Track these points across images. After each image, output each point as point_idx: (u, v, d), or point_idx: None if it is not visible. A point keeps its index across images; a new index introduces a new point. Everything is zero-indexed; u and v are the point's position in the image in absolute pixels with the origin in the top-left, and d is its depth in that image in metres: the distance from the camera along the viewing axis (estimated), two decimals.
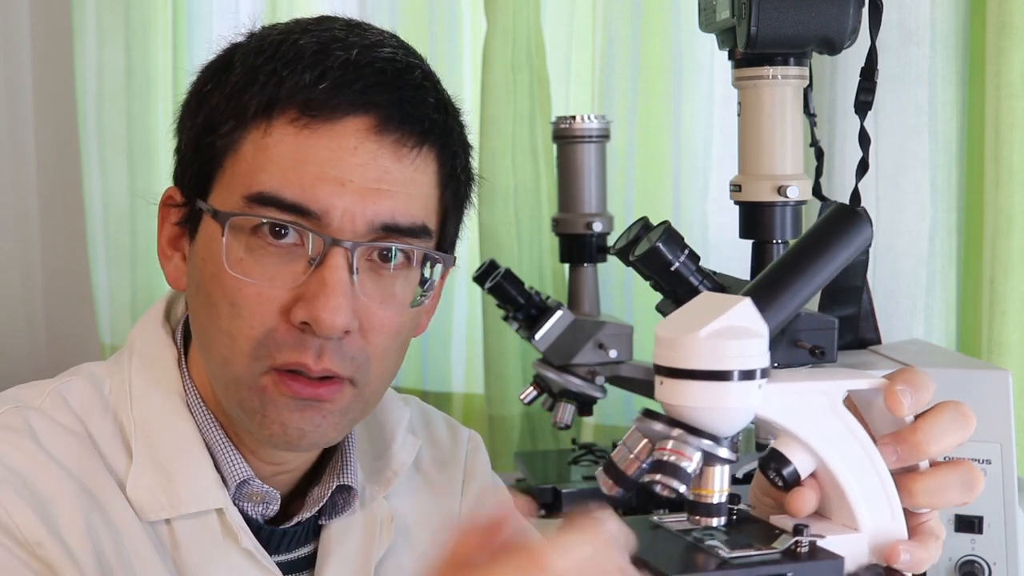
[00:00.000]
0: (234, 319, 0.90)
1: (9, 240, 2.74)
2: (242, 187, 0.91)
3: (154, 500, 0.94)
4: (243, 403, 0.93)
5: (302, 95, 0.89)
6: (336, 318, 0.88)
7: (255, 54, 0.92)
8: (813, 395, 0.75)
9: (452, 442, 1.17)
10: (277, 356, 0.90)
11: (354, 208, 0.89)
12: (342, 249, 0.89)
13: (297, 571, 1.02)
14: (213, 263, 0.92)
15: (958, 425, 0.77)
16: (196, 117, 0.95)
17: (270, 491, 0.99)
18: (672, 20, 1.90)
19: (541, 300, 1.60)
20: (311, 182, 0.89)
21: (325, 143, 0.89)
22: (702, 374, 0.70)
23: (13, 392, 0.99)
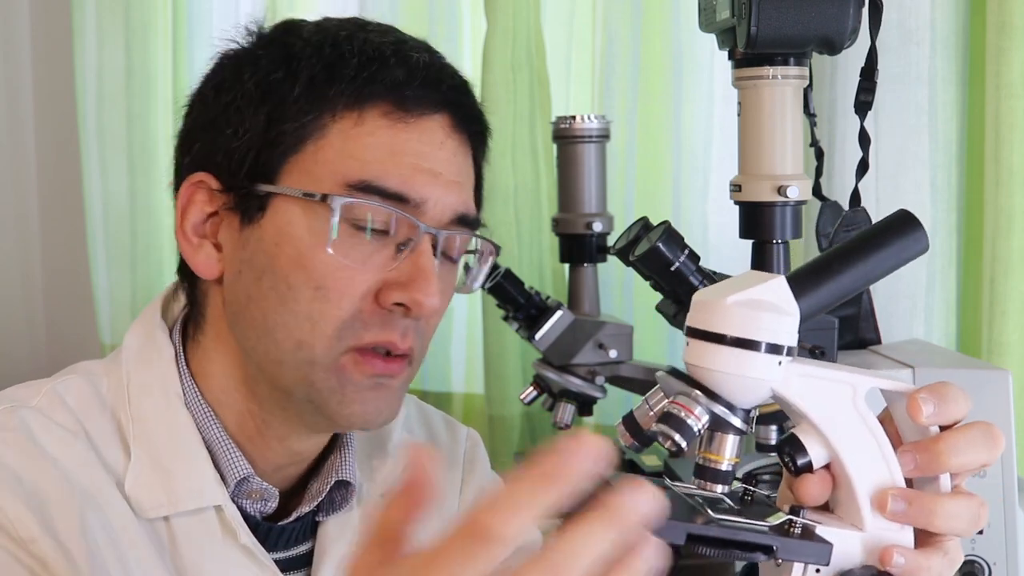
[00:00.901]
0: (318, 301, 0.93)
1: (9, 240, 2.74)
2: (336, 174, 0.93)
3: (152, 497, 0.94)
4: (318, 384, 0.94)
5: (395, 91, 0.95)
6: (434, 300, 0.93)
7: (329, 48, 0.96)
8: (835, 384, 0.74)
9: (451, 440, 1.17)
10: (364, 336, 0.93)
11: (443, 199, 0.96)
12: (431, 236, 0.95)
13: (295, 568, 1.02)
14: (293, 246, 0.93)
15: (985, 445, 0.74)
16: (262, 106, 0.95)
17: (269, 488, 0.99)
18: (672, 20, 1.90)
19: (541, 300, 1.60)
20: (410, 173, 0.94)
21: (417, 137, 0.95)
22: (728, 339, 0.72)
23: (9, 392, 0.99)
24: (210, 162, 0.97)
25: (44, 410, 0.95)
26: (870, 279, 0.76)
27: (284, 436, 0.99)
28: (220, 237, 0.98)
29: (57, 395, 0.97)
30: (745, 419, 0.74)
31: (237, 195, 0.96)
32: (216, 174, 0.97)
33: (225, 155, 0.96)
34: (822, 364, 0.75)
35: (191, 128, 1.00)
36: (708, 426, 0.74)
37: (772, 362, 0.72)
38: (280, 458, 1.00)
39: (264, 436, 0.99)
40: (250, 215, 0.95)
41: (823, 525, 0.74)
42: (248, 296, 0.96)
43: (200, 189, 0.97)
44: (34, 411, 0.95)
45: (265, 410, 0.98)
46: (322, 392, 0.94)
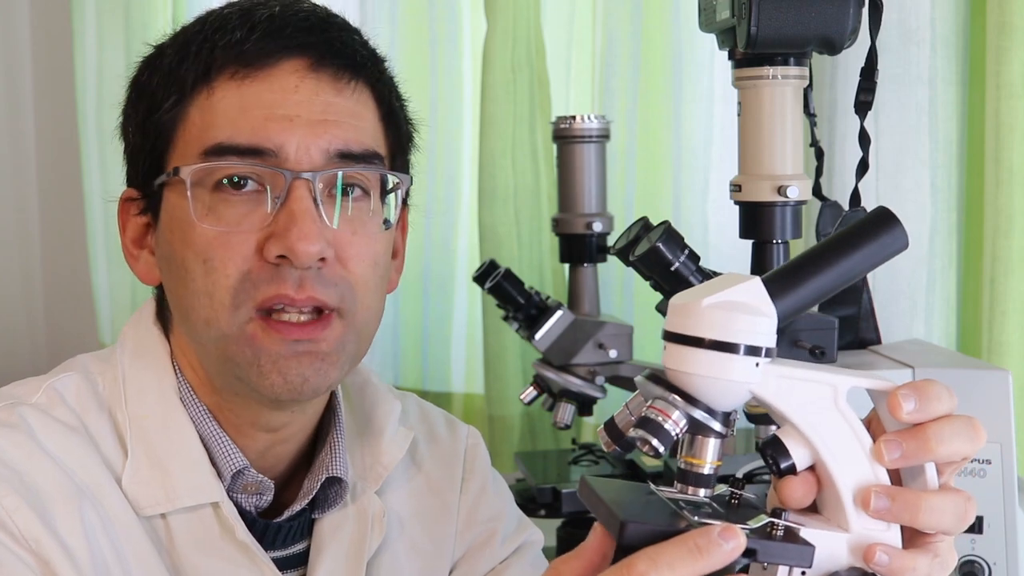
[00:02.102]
0: (208, 274, 0.92)
1: (9, 240, 2.74)
2: (196, 146, 0.94)
3: (150, 494, 0.95)
4: (235, 358, 0.93)
5: (235, 50, 0.94)
6: (310, 246, 0.91)
7: (183, 33, 0.99)
8: (816, 385, 0.74)
9: (451, 437, 1.17)
10: (256, 295, 0.92)
11: (307, 141, 0.93)
12: (303, 180, 0.92)
13: (291, 567, 1.02)
14: (180, 228, 0.94)
15: (968, 435, 0.74)
16: (138, 106, 0.99)
17: (265, 480, 0.99)
18: (672, 20, 1.90)
19: (541, 300, 1.60)
20: (261, 124, 0.93)
21: (267, 87, 0.94)
22: (705, 342, 0.71)
23: (8, 389, 0.99)
24: (130, 176, 1.02)
25: (44, 407, 0.96)
26: (849, 278, 0.76)
27: (253, 419, 0.99)
28: (153, 244, 1.00)
29: (56, 392, 0.97)
30: (725, 422, 0.74)
31: (147, 199, 0.99)
32: (135, 186, 1.01)
33: (131, 166, 1.01)
34: (802, 365, 0.74)
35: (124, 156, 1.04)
36: (688, 430, 0.73)
37: (750, 364, 0.71)
38: (260, 442, 1.00)
39: (237, 424, 0.99)
40: (155, 213, 0.98)
41: (808, 527, 0.73)
42: (169, 290, 0.98)
43: (130, 204, 1.01)
44: (34, 408, 0.95)
45: (225, 399, 0.99)
46: (241, 365, 0.94)
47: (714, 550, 0.67)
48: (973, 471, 1.26)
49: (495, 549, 1.14)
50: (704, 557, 0.67)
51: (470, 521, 1.14)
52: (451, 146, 2.12)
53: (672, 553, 0.67)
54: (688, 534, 0.68)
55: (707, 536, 0.67)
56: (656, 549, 0.67)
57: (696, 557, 0.67)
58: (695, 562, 0.66)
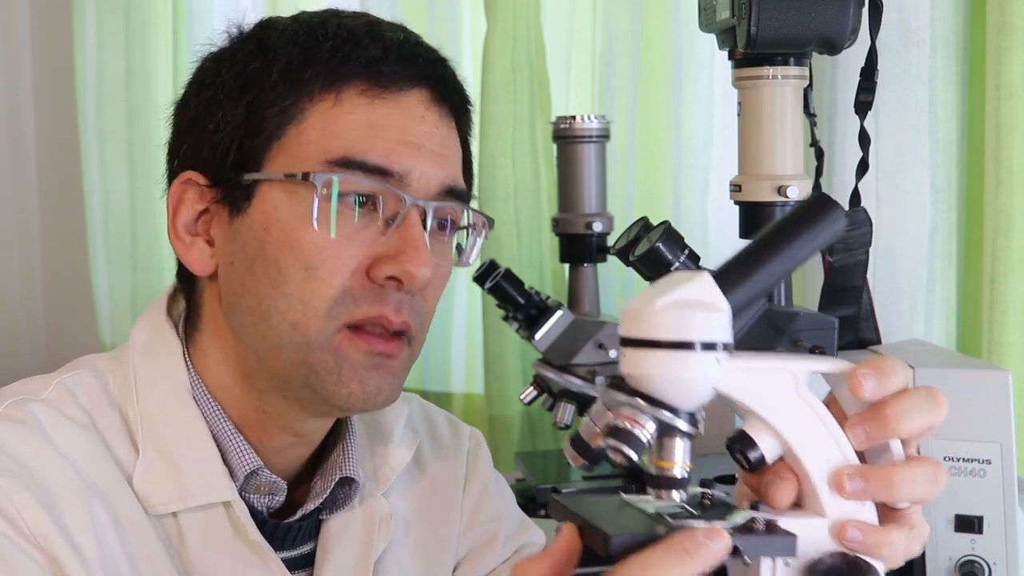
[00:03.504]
0: (309, 281, 0.93)
1: (9, 240, 2.74)
2: (318, 153, 0.94)
3: (161, 493, 0.94)
4: (315, 366, 0.94)
5: (371, 69, 0.96)
6: (426, 271, 0.93)
7: (303, 35, 0.97)
8: (776, 374, 0.74)
9: (454, 439, 1.17)
10: (356, 312, 0.93)
11: (428, 171, 0.96)
12: (419, 208, 0.94)
13: (299, 568, 1.02)
14: (281, 229, 0.94)
15: (928, 406, 0.74)
16: (242, 97, 0.96)
17: (278, 481, 0.99)
18: (672, 20, 1.90)
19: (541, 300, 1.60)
20: (392, 147, 0.94)
21: (397, 112, 0.96)
22: (661, 343, 0.71)
23: (16, 386, 0.99)
24: (197, 160, 0.98)
25: (54, 404, 0.95)
26: (794, 265, 0.76)
27: (286, 424, 0.99)
28: (212, 232, 0.99)
29: (67, 389, 0.97)
30: (691, 421, 0.73)
31: (225, 188, 0.97)
32: (203, 171, 0.98)
33: (210, 150, 0.97)
34: (759, 355, 0.74)
35: (177, 132, 1.02)
36: (656, 434, 0.73)
37: (709, 360, 0.71)
38: (282, 442, 1.01)
39: (265, 426, 0.99)
40: (238, 205, 0.96)
41: (784, 517, 0.73)
42: (242, 285, 0.96)
43: (189, 187, 0.99)
44: (44, 404, 0.95)
45: (265, 401, 0.98)
46: (319, 373, 0.94)
47: (702, 552, 0.67)
48: (973, 471, 1.26)
49: (497, 549, 1.14)
50: (693, 560, 0.67)
51: (473, 522, 1.14)
52: None
53: (662, 558, 0.67)
54: (675, 538, 0.68)
55: (693, 539, 0.67)
56: (646, 555, 0.67)
57: (685, 560, 0.67)
58: (684, 565, 0.67)
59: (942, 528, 1.27)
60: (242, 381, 0.99)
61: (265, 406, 0.99)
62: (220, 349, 0.99)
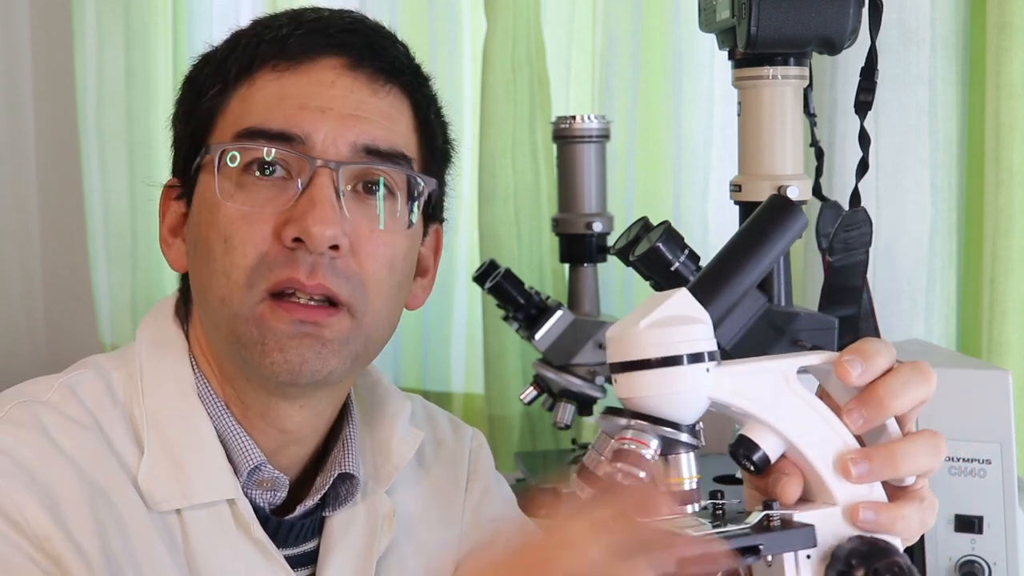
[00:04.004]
0: (228, 253, 0.94)
1: (9, 240, 2.74)
2: (230, 131, 0.97)
3: (166, 490, 0.95)
4: (242, 337, 0.94)
5: (280, 44, 0.97)
6: (325, 229, 0.92)
7: (237, 32, 1.02)
8: (765, 374, 0.75)
9: (455, 439, 1.17)
10: (270, 276, 0.93)
11: (335, 132, 0.95)
12: (327, 169, 0.94)
13: (302, 565, 1.02)
14: (207, 208, 0.96)
15: (918, 380, 0.76)
16: (187, 97, 1.02)
17: (280, 477, 1.00)
18: (672, 20, 1.90)
19: (541, 300, 1.60)
20: (293, 112, 0.95)
21: (305, 80, 0.97)
22: (650, 363, 0.73)
23: (19, 388, 0.99)
24: (175, 167, 1.03)
25: (57, 405, 0.96)
26: (765, 269, 0.78)
27: (263, 412, 0.99)
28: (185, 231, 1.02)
29: (69, 389, 0.97)
30: (692, 433, 0.75)
31: (186, 186, 1.01)
32: (177, 175, 1.03)
33: (176, 154, 1.03)
34: (746, 360, 0.76)
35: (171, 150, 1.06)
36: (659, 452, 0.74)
37: (699, 371, 0.73)
38: (272, 439, 1.00)
39: (249, 417, 1.00)
40: (189, 199, 1.00)
41: (798, 513, 0.75)
42: (193, 272, 0.99)
43: (171, 193, 1.03)
44: (47, 406, 0.95)
45: (238, 388, 0.99)
46: (247, 345, 0.94)
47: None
48: (973, 471, 1.26)
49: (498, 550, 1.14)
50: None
51: (474, 522, 1.14)
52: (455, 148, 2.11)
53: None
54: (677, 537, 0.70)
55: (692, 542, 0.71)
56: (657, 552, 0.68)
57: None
58: None
59: (942, 528, 1.27)
60: (219, 371, 1.00)
61: (240, 394, 0.99)
62: (201, 345, 1.01)
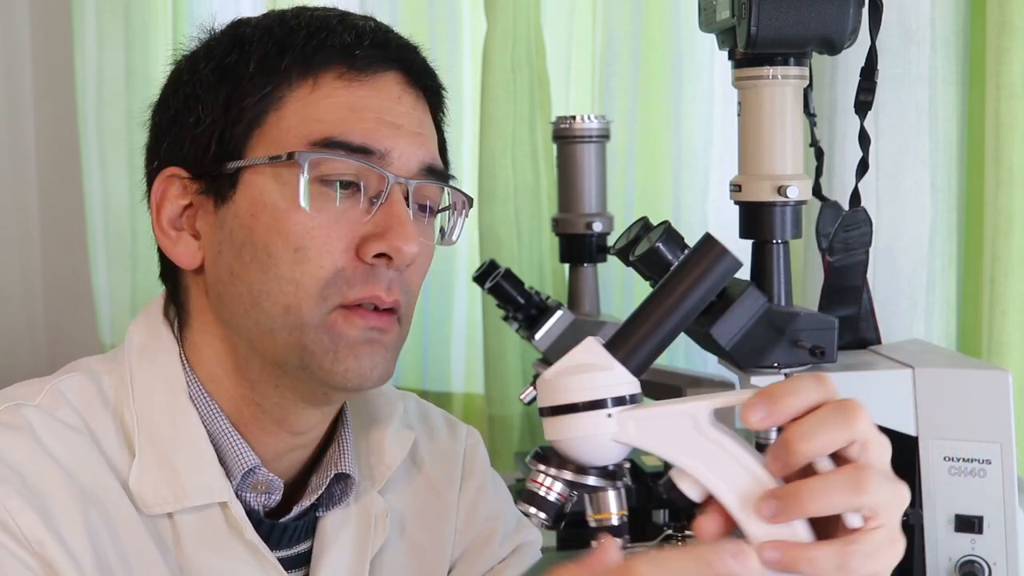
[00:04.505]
0: (299, 263, 0.94)
1: (9, 240, 2.74)
2: (300, 137, 0.95)
3: (157, 493, 0.94)
4: (310, 346, 0.94)
5: (346, 53, 0.97)
6: (413, 246, 0.94)
7: (277, 27, 0.99)
8: (674, 418, 0.76)
9: (451, 437, 1.17)
10: (348, 293, 0.94)
11: (409, 150, 0.97)
12: (402, 186, 0.96)
13: (296, 567, 1.02)
14: (268, 213, 0.95)
15: (835, 423, 0.72)
16: (219, 88, 0.98)
17: (274, 479, 0.99)
18: (672, 20, 1.90)
19: (541, 300, 1.60)
20: (372, 126, 0.96)
21: (375, 94, 0.97)
22: (552, 409, 0.77)
23: (10, 390, 0.99)
24: (178, 155, 0.99)
25: (47, 408, 0.95)
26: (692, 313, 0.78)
27: (281, 417, 0.99)
28: (197, 226, 0.99)
29: (60, 393, 0.97)
30: (606, 475, 0.77)
31: (208, 179, 0.98)
32: (185, 165, 0.99)
33: (191, 144, 0.98)
34: (658, 403, 0.76)
35: (156, 133, 1.03)
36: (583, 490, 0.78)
37: (600, 417, 0.75)
38: (281, 443, 1.00)
39: (260, 421, 0.99)
40: (223, 194, 0.97)
41: None
42: (231, 273, 0.97)
43: (172, 182, 1.00)
44: (37, 409, 0.95)
45: (258, 393, 0.98)
46: (315, 353, 0.94)
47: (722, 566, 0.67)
48: (973, 471, 1.26)
49: (494, 549, 1.14)
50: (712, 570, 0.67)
51: (469, 520, 1.14)
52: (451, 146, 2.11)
53: (680, 563, 0.67)
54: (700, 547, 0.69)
55: (718, 552, 0.68)
56: (663, 555, 0.68)
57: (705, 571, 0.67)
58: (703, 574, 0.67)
59: (942, 528, 1.27)
60: (235, 374, 0.99)
61: (258, 398, 0.99)
62: (210, 344, 1.00)
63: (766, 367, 1.21)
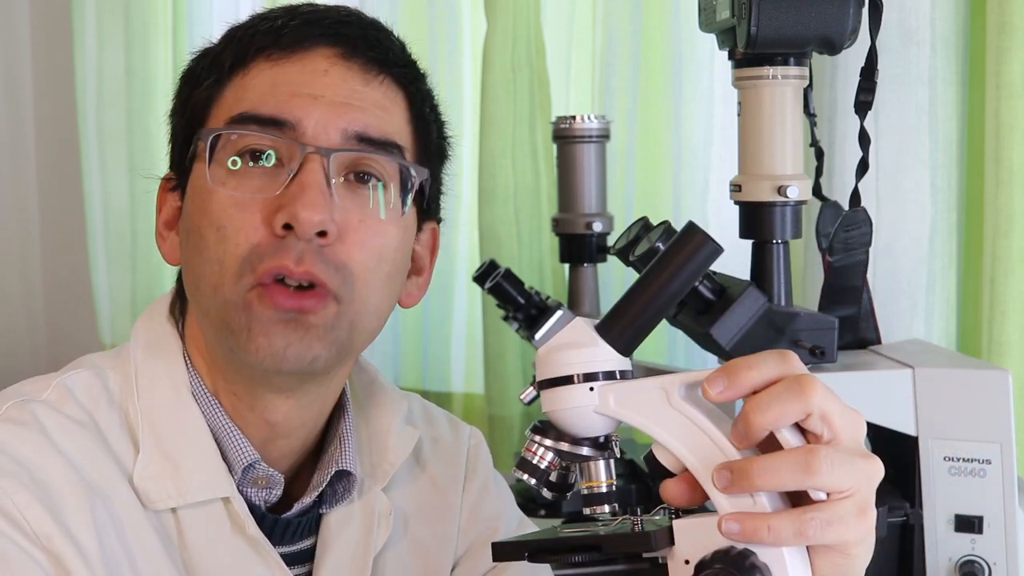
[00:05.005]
0: (221, 242, 0.94)
1: (9, 240, 2.74)
2: (223, 118, 0.97)
3: (161, 489, 0.95)
4: (231, 324, 0.94)
5: (274, 35, 0.98)
6: (313, 215, 0.91)
7: (233, 26, 1.03)
8: (646, 391, 0.80)
9: (454, 437, 1.17)
10: (259, 266, 0.93)
11: (326, 119, 0.95)
12: (318, 156, 0.94)
13: (299, 563, 1.03)
14: (200, 197, 0.96)
15: (789, 396, 0.75)
16: (183, 90, 1.03)
17: (275, 474, 1.00)
18: (672, 20, 1.90)
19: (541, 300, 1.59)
20: (286, 99, 0.95)
21: (298, 69, 0.97)
22: (546, 382, 0.83)
23: (17, 387, 0.99)
24: (172, 162, 1.04)
25: (54, 404, 0.96)
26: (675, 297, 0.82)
27: (253, 404, 0.99)
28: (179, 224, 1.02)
29: (67, 389, 0.98)
30: (597, 446, 0.82)
31: (180, 179, 1.01)
32: (174, 170, 1.03)
33: (173, 148, 1.03)
34: (635, 379, 0.81)
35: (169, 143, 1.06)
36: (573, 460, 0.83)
37: (583, 390, 0.81)
38: (260, 431, 1.00)
39: (239, 410, 1.00)
40: (183, 188, 1.00)
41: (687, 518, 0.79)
42: (185, 260, 0.99)
43: (168, 187, 1.03)
44: (44, 405, 0.96)
45: (228, 379, 0.99)
46: (234, 332, 0.94)
47: None
48: (973, 471, 1.26)
49: None
50: None
51: (472, 520, 1.14)
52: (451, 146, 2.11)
53: None
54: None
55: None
56: None
57: None
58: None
59: (942, 528, 1.27)
60: (210, 363, 1.00)
61: (231, 386, 0.99)
62: (196, 337, 1.01)
63: None
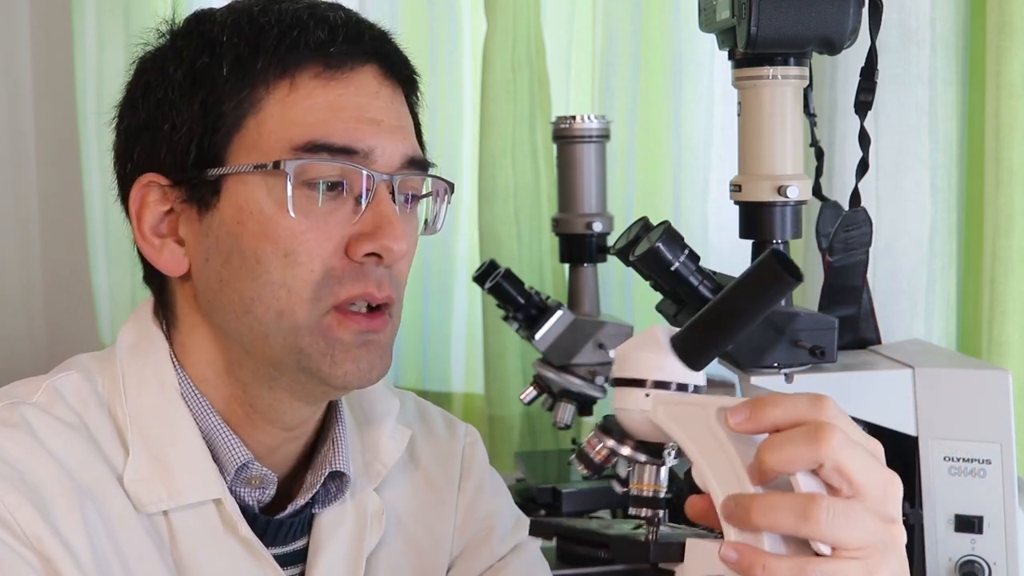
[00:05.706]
0: (289, 267, 0.94)
1: (9, 240, 2.74)
2: (282, 141, 0.95)
3: (152, 492, 0.95)
4: (306, 349, 0.95)
5: (321, 51, 0.97)
6: (402, 244, 0.95)
7: (247, 24, 0.97)
8: (690, 408, 0.80)
9: (449, 435, 1.17)
10: (340, 292, 0.94)
11: (391, 145, 0.97)
12: (387, 183, 0.96)
13: (292, 563, 1.03)
14: (255, 220, 0.95)
15: (801, 442, 0.73)
16: (195, 95, 0.97)
17: (268, 474, 1.00)
18: (672, 20, 1.90)
19: (541, 300, 1.60)
20: (353, 125, 0.96)
21: (353, 91, 0.97)
22: (614, 381, 0.84)
23: (8, 388, 0.99)
24: (154, 162, 0.99)
25: (44, 406, 0.96)
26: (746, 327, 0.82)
27: (275, 418, 1.00)
28: (181, 232, 0.99)
29: (56, 391, 0.97)
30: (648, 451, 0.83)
31: (189, 186, 0.97)
32: (163, 172, 0.98)
33: (168, 150, 0.98)
34: (687, 395, 0.82)
35: (126, 136, 1.02)
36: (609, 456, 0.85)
37: (640, 395, 0.82)
38: (273, 439, 1.01)
39: (252, 420, 1.00)
40: (206, 202, 0.97)
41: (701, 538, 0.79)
42: (220, 280, 0.97)
43: (151, 189, 0.99)
44: (35, 407, 0.96)
45: (250, 394, 0.99)
46: (312, 356, 0.95)
47: None
48: (973, 471, 1.26)
49: (493, 547, 1.14)
50: None
51: (467, 518, 1.14)
52: (451, 146, 2.12)
53: None
54: None
55: None
56: None
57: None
58: None
59: (942, 528, 1.27)
60: (227, 376, 0.99)
61: (251, 399, 0.99)
62: (199, 345, 1.00)
63: (766, 367, 1.21)
